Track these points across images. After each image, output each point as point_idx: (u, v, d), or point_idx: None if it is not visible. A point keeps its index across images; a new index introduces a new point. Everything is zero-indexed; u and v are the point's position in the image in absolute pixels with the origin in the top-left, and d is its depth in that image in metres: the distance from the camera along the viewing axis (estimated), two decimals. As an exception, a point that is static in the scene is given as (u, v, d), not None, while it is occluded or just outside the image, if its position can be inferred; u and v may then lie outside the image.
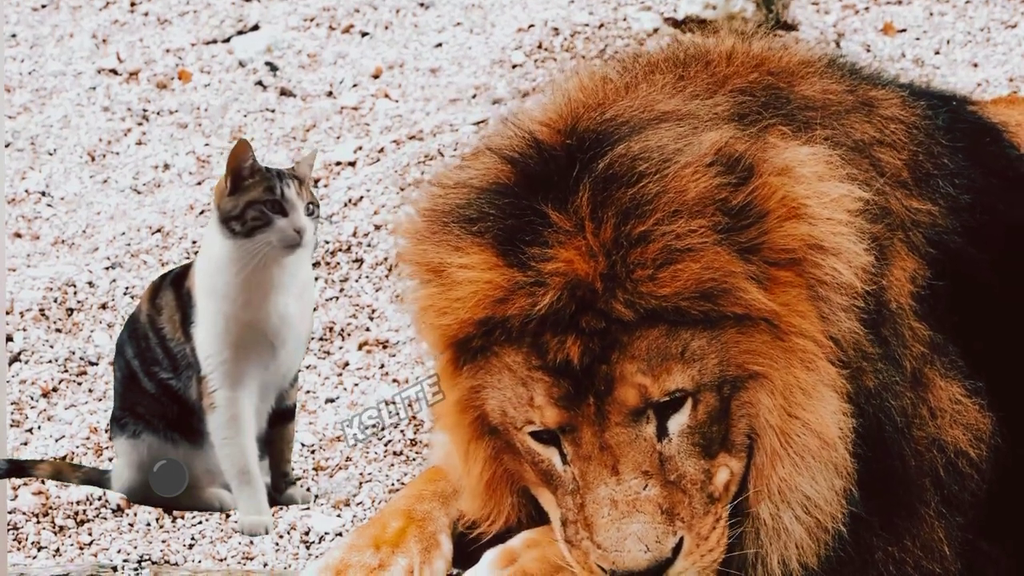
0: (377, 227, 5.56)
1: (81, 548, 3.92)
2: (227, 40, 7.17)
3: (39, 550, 3.92)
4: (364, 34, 7.19)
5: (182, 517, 4.02)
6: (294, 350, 4.02)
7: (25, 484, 4.15)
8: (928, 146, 3.49)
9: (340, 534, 3.95)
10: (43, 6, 7.47)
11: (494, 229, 3.08)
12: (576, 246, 3.03)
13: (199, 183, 6.09)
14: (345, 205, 5.65)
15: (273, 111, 6.59)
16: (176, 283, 4.04)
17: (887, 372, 3.26)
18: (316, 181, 5.83)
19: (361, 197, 5.71)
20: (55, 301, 5.17)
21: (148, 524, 3.99)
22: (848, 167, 3.26)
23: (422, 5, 7.36)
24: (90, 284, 5.26)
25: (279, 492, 4.07)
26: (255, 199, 3.88)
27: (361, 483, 4.28)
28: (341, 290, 5.32)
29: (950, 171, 3.48)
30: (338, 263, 5.40)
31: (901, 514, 3.30)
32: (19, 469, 4.06)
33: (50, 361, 4.92)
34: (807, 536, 3.17)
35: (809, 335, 3.13)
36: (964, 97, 4.06)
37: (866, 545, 3.28)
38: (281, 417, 4.09)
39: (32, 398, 4.74)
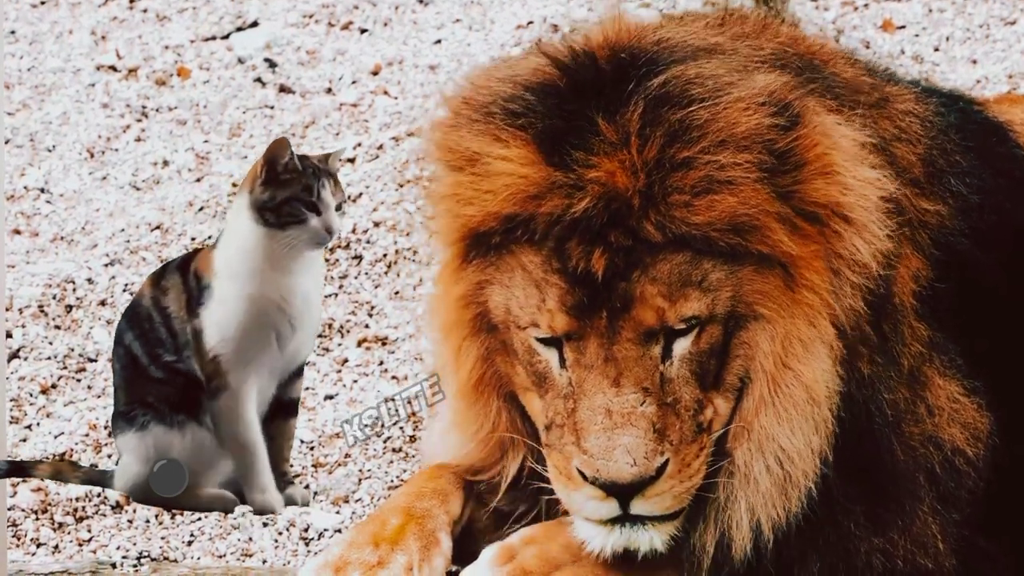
0: (376, 224, 5.56)
1: (80, 545, 3.92)
2: (226, 37, 7.17)
3: (38, 547, 3.92)
4: (363, 31, 7.19)
5: (181, 514, 4.02)
6: (310, 334, 4.08)
7: (24, 481, 4.15)
8: (941, 143, 3.51)
9: (339, 531, 3.95)
10: (42, 3, 7.46)
11: (539, 126, 3.09)
12: (620, 159, 3.04)
13: (198, 180, 6.09)
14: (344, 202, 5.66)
15: (272, 108, 6.59)
16: (182, 267, 4.09)
17: (883, 364, 3.28)
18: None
19: (360, 194, 5.71)
20: (54, 298, 5.17)
21: (147, 521, 3.99)
22: (875, 157, 3.29)
23: (421, 2, 7.35)
24: (89, 281, 5.26)
25: (278, 492, 4.07)
26: (293, 196, 3.95)
27: (360, 480, 4.28)
28: (340, 287, 5.32)
29: (962, 169, 3.50)
30: (337, 260, 5.40)
31: (889, 507, 3.31)
32: (19, 469, 4.06)
33: (49, 358, 4.92)
34: (774, 488, 3.19)
35: (818, 292, 3.16)
36: (971, 97, 4.08)
37: (846, 532, 3.29)
38: (283, 409, 4.10)
39: (31, 395, 4.74)
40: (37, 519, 4.04)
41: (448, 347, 3.29)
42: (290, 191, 3.96)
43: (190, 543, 3.90)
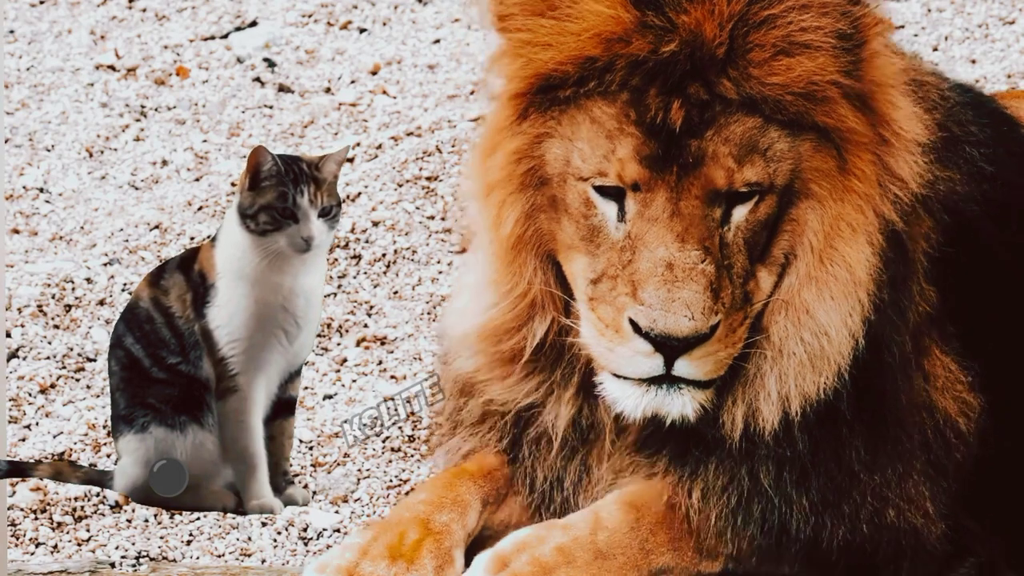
0: (375, 223, 5.56)
1: (79, 544, 3.92)
2: (225, 36, 7.17)
3: (37, 546, 3.92)
4: (362, 30, 7.19)
5: (180, 513, 4.02)
6: (311, 333, 4.07)
7: (23, 480, 4.14)
8: (956, 114, 3.57)
9: (338, 530, 3.94)
10: (41, 2, 7.46)
11: None
12: (709, 8, 3.10)
13: (197, 179, 6.09)
14: (343, 201, 5.65)
15: (271, 107, 6.58)
16: (184, 266, 4.06)
17: (893, 306, 3.31)
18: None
19: (359, 193, 5.71)
20: (53, 297, 5.17)
21: (146, 520, 3.99)
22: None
23: (420, 1, 7.35)
24: (88, 280, 5.26)
25: (279, 491, 4.06)
26: (267, 203, 3.93)
27: (359, 479, 4.28)
28: (339, 286, 5.32)
29: (976, 139, 3.55)
30: (336, 259, 5.40)
31: (887, 449, 3.34)
32: (19, 470, 4.05)
33: (48, 357, 4.92)
34: (807, 361, 3.22)
35: (867, 182, 3.24)
36: (980, 89, 4.11)
37: (847, 464, 3.31)
38: (283, 408, 4.10)
39: (30, 394, 4.73)
40: (36, 519, 4.04)
41: (491, 204, 3.29)
42: (265, 199, 3.92)
43: (189, 543, 3.90)
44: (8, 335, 4.98)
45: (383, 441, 4.47)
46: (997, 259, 3.51)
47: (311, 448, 4.46)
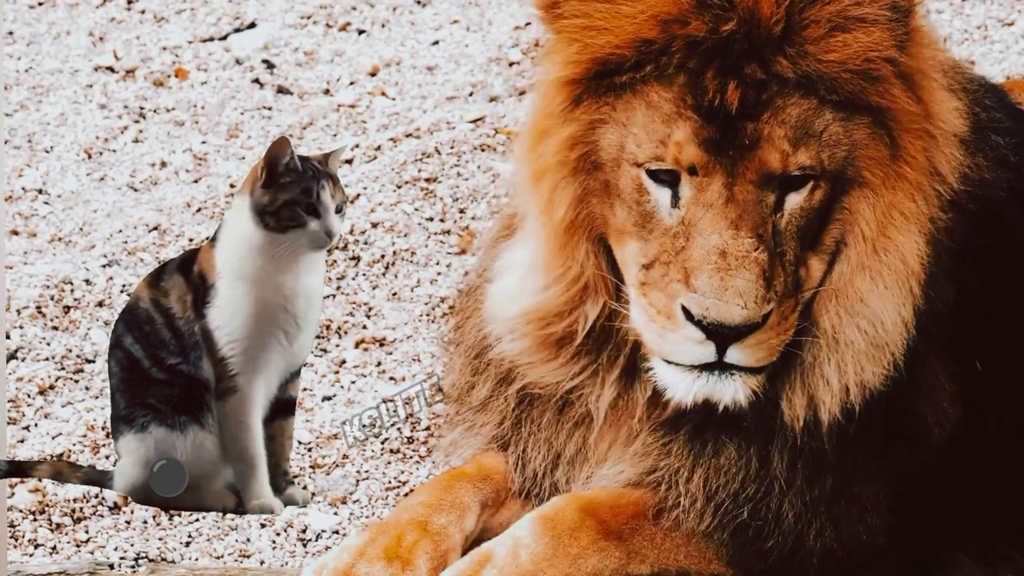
0: (374, 224, 5.56)
1: (78, 546, 3.92)
2: (224, 38, 7.17)
3: (36, 548, 3.92)
4: (361, 32, 7.18)
5: (179, 515, 4.01)
6: (311, 333, 4.07)
7: (22, 481, 4.14)
8: (982, 100, 3.56)
9: (337, 532, 3.94)
10: (40, 3, 7.46)
11: None
12: None
13: (196, 181, 6.09)
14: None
15: (270, 109, 6.58)
16: (183, 267, 4.06)
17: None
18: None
19: (358, 195, 5.71)
20: (52, 299, 5.17)
21: (145, 522, 3.99)
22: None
23: (419, 3, 7.35)
24: (87, 282, 5.26)
25: (279, 491, 4.06)
26: (292, 199, 3.91)
27: (358, 481, 4.28)
28: (338, 288, 5.32)
29: (1004, 127, 3.54)
30: (335, 261, 5.40)
31: (890, 451, 3.34)
32: (19, 470, 4.05)
33: (47, 359, 4.91)
34: (865, 349, 3.23)
35: (918, 171, 3.24)
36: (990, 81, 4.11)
37: (856, 462, 3.30)
38: (283, 408, 4.10)
39: (29, 396, 4.73)
40: (35, 520, 4.04)
41: (543, 189, 3.28)
42: (289, 194, 3.91)
43: (188, 544, 3.90)
44: (7, 336, 4.98)
45: (382, 443, 4.47)
46: (1021, 246, 3.51)
47: (310, 450, 4.46)
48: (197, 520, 3.99)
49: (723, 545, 3.30)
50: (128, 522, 4.00)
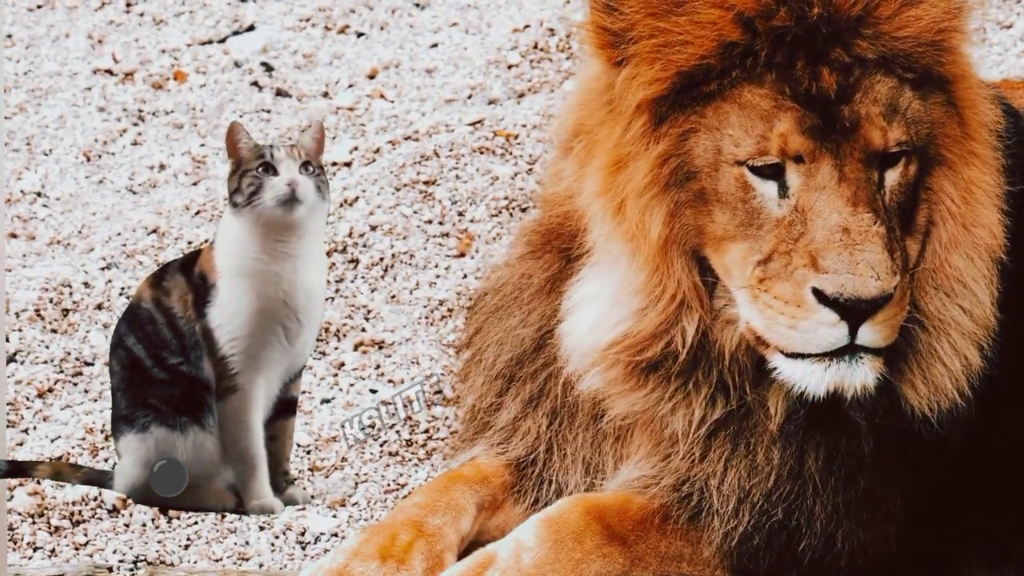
0: (373, 227, 5.56)
1: (77, 548, 3.92)
2: (223, 40, 7.17)
3: (35, 550, 3.92)
4: (360, 34, 7.19)
5: (178, 517, 4.02)
6: (312, 333, 4.07)
7: (21, 484, 4.15)
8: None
9: (336, 534, 3.95)
10: (39, 6, 7.46)
11: None
12: None
13: (195, 183, 6.09)
14: (341, 205, 5.65)
15: (269, 111, 6.59)
16: (185, 268, 4.08)
17: None
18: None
19: (357, 197, 5.71)
20: (51, 301, 5.17)
21: (144, 524, 3.99)
22: None
23: (418, 5, 7.35)
24: (86, 284, 5.26)
25: (279, 491, 4.07)
26: (247, 168, 3.95)
27: (357, 483, 4.28)
28: (337, 290, 5.32)
29: (1002, 127, 3.56)
30: (334, 263, 5.40)
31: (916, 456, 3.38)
32: (19, 470, 4.05)
33: (46, 361, 4.92)
34: (972, 331, 3.26)
35: (985, 144, 3.31)
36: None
37: (887, 466, 3.33)
38: (284, 408, 4.10)
39: (28, 398, 4.73)
40: (34, 523, 4.04)
41: (631, 214, 3.27)
42: (246, 166, 3.96)
43: (187, 546, 3.90)
44: (6, 339, 4.98)
45: (381, 445, 4.47)
46: (1016, 249, 3.52)
47: (308, 452, 4.47)
48: (196, 523, 3.99)
49: (758, 551, 3.29)
50: (127, 525, 4.00)
